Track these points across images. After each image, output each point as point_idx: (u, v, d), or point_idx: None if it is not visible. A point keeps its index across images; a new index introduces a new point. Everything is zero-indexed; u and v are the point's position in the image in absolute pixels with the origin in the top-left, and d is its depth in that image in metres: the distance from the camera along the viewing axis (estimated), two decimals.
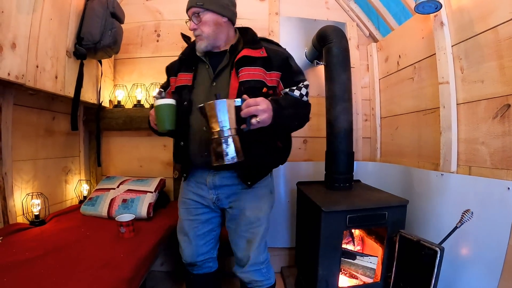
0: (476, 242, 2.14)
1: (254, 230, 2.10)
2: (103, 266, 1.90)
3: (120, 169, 3.75)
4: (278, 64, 2.03)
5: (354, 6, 3.77)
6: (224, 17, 2.06)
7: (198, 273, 2.35)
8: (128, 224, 2.40)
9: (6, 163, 2.47)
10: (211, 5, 1.99)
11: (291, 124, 2.00)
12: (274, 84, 2.02)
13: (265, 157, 2.06)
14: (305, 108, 2.06)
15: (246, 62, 1.98)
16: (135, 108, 3.54)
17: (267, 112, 1.69)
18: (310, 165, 3.57)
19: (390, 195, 2.62)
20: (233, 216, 2.15)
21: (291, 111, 1.89)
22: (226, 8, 2.06)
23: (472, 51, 2.28)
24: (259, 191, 2.14)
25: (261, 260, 2.14)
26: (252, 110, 1.64)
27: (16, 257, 1.94)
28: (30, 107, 2.79)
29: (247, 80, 1.95)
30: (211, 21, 2.02)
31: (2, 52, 1.97)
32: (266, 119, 1.68)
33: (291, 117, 1.92)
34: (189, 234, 2.25)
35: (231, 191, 2.13)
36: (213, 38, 2.07)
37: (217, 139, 1.64)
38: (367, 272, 2.59)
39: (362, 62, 3.84)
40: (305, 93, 2.04)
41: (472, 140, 2.30)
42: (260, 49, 2.04)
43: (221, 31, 2.08)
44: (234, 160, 1.62)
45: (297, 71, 2.10)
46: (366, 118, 3.84)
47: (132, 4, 3.74)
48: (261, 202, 2.13)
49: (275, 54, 2.06)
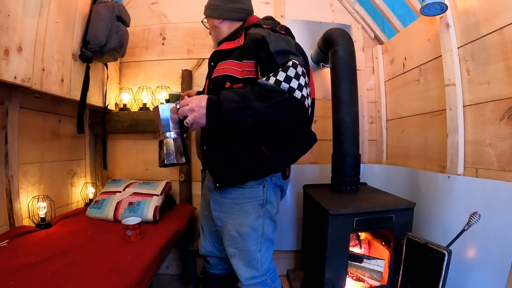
0: (483, 245, 2.13)
1: (237, 245, 2.00)
2: (110, 270, 1.90)
3: (125, 172, 3.75)
4: (251, 50, 1.82)
5: (359, 8, 3.77)
6: (217, 19, 2.15)
7: (214, 273, 2.38)
8: (134, 228, 2.39)
9: (12, 166, 2.47)
10: (206, 11, 2.22)
11: (242, 122, 1.60)
12: (249, 75, 1.84)
13: (238, 161, 1.88)
14: (269, 98, 1.58)
15: (222, 56, 1.98)
16: (141, 111, 3.54)
17: (196, 111, 1.59)
18: (316, 168, 3.57)
19: (397, 197, 2.61)
20: (219, 227, 2.11)
21: (235, 105, 1.59)
22: (217, 9, 2.14)
23: (478, 53, 2.27)
24: (244, 205, 1.97)
25: (260, 272, 2.03)
26: (181, 111, 1.63)
27: (22, 260, 1.94)
28: (36, 110, 2.79)
29: (215, 77, 1.95)
30: (211, 25, 2.24)
31: (9, 56, 1.97)
32: (197, 119, 1.60)
33: (238, 113, 1.58)
34: (204, 229, 2.31)
35: (216, 198, 2.06)
36: (215, 40, 2.23)
37: (159, 142, 1.74)
38: (374, 275, 2.58)
39: (367, 64, 3.83)
40: (283, 78, 1.59)
41: (479, 142, 2.29)
42: (239, 38, 1.96)
43: (219, 32, 2.18)
44: (165, 163, 1.67)
45: (280, 50, 1.72)
46: (372, 120, 3.83)
47: (137, 7, 3.75)
48: (245, 216, 1.97)
49: (249, 39, 1.85)
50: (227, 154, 1.89)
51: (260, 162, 1.88)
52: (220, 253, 2.32)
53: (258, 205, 1.98)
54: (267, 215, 2.02)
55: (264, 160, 1.88)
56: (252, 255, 1.99)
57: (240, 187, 1.96)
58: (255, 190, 1.97)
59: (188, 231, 3.15)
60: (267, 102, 1.57)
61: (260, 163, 1.89)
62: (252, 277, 2.01)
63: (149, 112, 3.50)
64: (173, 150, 1.68)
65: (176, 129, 1.71)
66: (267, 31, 1.83)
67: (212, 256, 2.34)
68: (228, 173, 1.92)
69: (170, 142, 1.69)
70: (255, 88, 1.63)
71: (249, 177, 1.94)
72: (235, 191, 1.97)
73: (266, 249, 2.04)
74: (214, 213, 2.08)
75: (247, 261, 2.01)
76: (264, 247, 2.03)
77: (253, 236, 1.98)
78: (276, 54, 1.71)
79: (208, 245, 2.31)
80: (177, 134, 1.72)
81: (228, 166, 1.90)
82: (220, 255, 2.32)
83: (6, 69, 1.96)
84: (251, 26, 1.98)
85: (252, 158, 1.87)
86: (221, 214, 2.04)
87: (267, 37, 1.77)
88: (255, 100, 1.59)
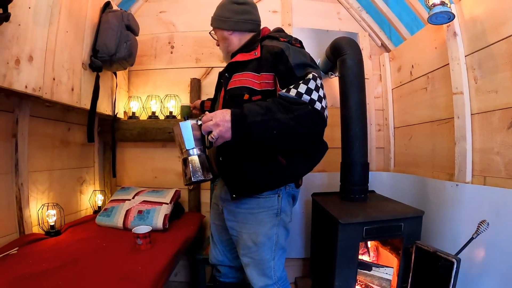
0: (492, 253, 2.13)
1: (252, 254, 2.02)
2: (122, 278, 1.90)
3: (134, 180, 3.77)
4: (270, 62, 1.84)
5: (366, 16, 3.78)
6: (227, 31, 2.13)
7: (224, 281, 2.37)
8: (145, 236, 2.40)
9: (23, 174, 2.50)
10: (215, 23, 2.19)
11: (266, 134, 1.62)
12: (267, 87, 1.86)
13: (255, 172, 1.89)
14: (293, 110, 1.62)
15: (237, 67, 1.97)
16: (150, 120, 3.55)
17: (221, 125, 1.59)
18: (324, 176, 3.56)
19: (405, 206, 2.62)
20: (233, 236, 2.12)
21: (260, 118, 1.60)
22: (226, 21, 2.11)
23: (485, 61, 2.28)
24: (259, 215, 1.99)
25: (272, 281, 2.04)
26: (205, 127, 1.62)
27: (33, 268, 1.95)
28: (46, 118, 2.82)
29: (231, 88, 1.93)
30: (220, 37, 2.20)
31: (20, 65, 1.99)
32: (222, 133, 1.60)
33: (263, 126, 1.60)
34: (215, 238, 2.31)
35: (230, 207, 2.07)
36: (226, 51, 2.21)
37: (181, 158, 1.72)
38: (383, 283, 2.58)
39: (374, 72, 3.84)
40: (304, 90, 1.65)
41: (486, 150, 2.29)
42: (254, 50, 1.96)
43: (229, 43, 2.16)
44: (193, 180, 1.65)
45: (299, 63, 1.78)
46: (379, 128, 3.83)
47: (145, 16, 3.78)
48: (260, 226, 1.99)
49: (267, 51, 1.88)
50: (244, 166, 1.89)
51: (278, 172, 1.90)
52: (230, 262, 2.32)
53: (273, 214, 2.00)
54: (281, 224, 2.04)
55: (281, 170, 1.90)
56: (266, 263, 2.01)
57: (256, 197, 1.97)
58: (270, 199, 1.99)
59: (197, 239, 3.16)
60: (291, 114, 1.61)
61: (277, 173, 1.91)
62: (266, 285, 2.03)
63: (158, 120, 3.52)
64: (199, 167, 1.67)
65: (199, 145, 1.71)
66: (285, 44, 1.87)
67: (222, 265, 2.34)
68: (245, 184, 1.92)
69: (195, 159, 1.68)
70: (278, 100, 1.66)
71: (266, 188, 1.95)
72: (250, 201, 1.98)
73: (279, 258, 2.06)
74: (228, 223, 2.09)
75: (261, 270, 2.02)
76: (278, 255, 2.05)
77: (268, 245, 1.99)
78: (295, 67, 1.75)
79: (218, 254, 2.31)
80: (200, 150, 1.72)
81: (245, 178, 1.90)
82: (231, 264, 2.33)
83: (17, 79, 1.98)
84: (266, 38, 2.03)
85: (270, 168, 1.89)
86: (235, 224, 2.05)
87: (286, 50, 1.81)
88: (279, 112, 1.62)
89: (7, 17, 1.77)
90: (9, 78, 1.91)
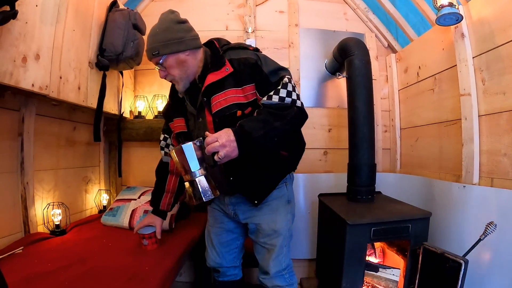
0: (499, 254, 2.14)
1: (271, 241, 2.13)
2: (130, 279, 1.89)
3: (140, 180, 3.76)
4: (248, 74, 1.89)
5: (372, 17, 3.78)
6: (184, 52, 1.93)
7: (222, 280, 2.41)
8: (150, 236, 2.39)
9: (28, 173, 2.50)
10: (166, 49, 1.90)
11: (270, 143, 1.78)
12: (253, 97, 1.92)
13: (266, 176, 2.06)
14: (285, 116, 1.79)
15: (214, 89, 1.91)
16: (156, 119, 3.56)
17: (227, 146, 1.63)
18: (331, 177, 3.56)
19: (412, 207, 2.61)
20: (251, 230, 2.22)
21: (262, 132, 1.71)
22: (180, 42, 1.92)
23: (493, 63, 2.28)
24: (273, 204, 2.14)
25: (283, 267, 2.16)
26: (211, 148, 1.62)
27: (39, 268, 1.95)
28: (51, 117, 2.83)
29: (219, 110, 1.91)
30: (174, 63, 1.94)
31: (26, 63, 1.99)
32: (229, 153, 1.64)
33: (266, 137, 1.72)
34: (214, 241, 2.33)
35: (246, 207, 2.16)
36: (185, 76, 1.99)
37: (187, 182, 1.73)
38: (389, 284, 2.58)
39: (381, 73, 3.85)
40: (285, 94, 1.81)
41: (494, 151, 2.30)
42: (224, 66, 1.92)
43: (188, 66, 1.96)
44: (203, 200, 1.67)
45: (272, 70, 1.90)
46: (386, 129, 3.84)
47: (151, 15, 3.74)
48: (276, 214, 2.14)
49: (241, 64, 1.91)
50: (256, 176, 2.01)
51: (284, 164, 2.12)
52: (228, 263, 2.37)
53: (285, 202, 2.20)
54: (291, 210, 2.25)
55: (286, 161, 2.11)
56: (280, 250, 2.14)
57: None
58: (281, 189, 2.18)
59: (203, 239, 3.16)
60: (284, 120, 1.78)
61: (284, 165, 2.13)
62: (278, 271, 2.15)
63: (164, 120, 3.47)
64: (207, 186, 1.69)
65: (203, 166, 1.72)
66: (255, 53, 1.99)
67: (221, 267, 2.38)
68: (261, 189, 2.07)
69: (203, 180, 1.69)
70: (267, 110, 1.80)
71: (278, 182, 2.13)
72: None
73: (288, 245, 2.22)
74: (246, 220, 2.20)
75: (277, 256, 2.14)
76: (288, 242, 2.21)
77: (283, 232, 2.15)
78: (270, 74, 1.88)
79: (216, 256, 2.35)
80: (205, 170, 1.72)
81: (260, 185, 2.05)
82: (229, 265, 2.38)
83: (24, 77, 1.97)
84: (227, 51, 2.04)
85: (276, 166, 2.07)
86: (254, 218, 2.16)
87: (258, 61, 1.91)
88: (275, 122, 1.76)
89: (15, 15, 1.76)
90: (16, 76, 1.91)
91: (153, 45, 1.92)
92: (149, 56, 1.96)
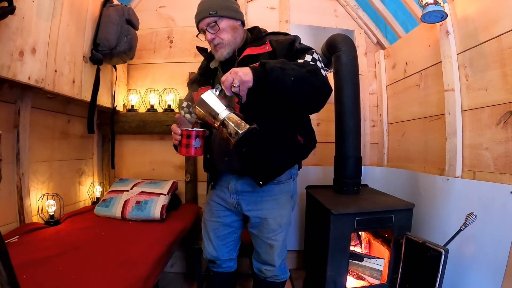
0: (480, 245, 2.19)
1: (276, 237, 2.13)
2: (121, 265, 1.96)
3: (132, 172, 3.81)
4: (283, 52, 1.95)
5: (362, 14, 3.83)
6: (238, 21, 2.05)
7: (217, 271, 2.42)
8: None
9: (24, 164, 2.53)
10: (224, 12, 1.97)
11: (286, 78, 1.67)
12: None
13: (278, 153, 1.96)
14: (308, 68, 1.78)
15: (249, 61, 1.91)
16: (148, 113, 3.60)
17: (239, 72, 1.61)
18: (319, 170, 3.61)
19: (396, 199, 2.67)
20: (255, 224, 2.17)
21: (279, 65, 1.68)
22: (237, 12, 2.06)
23: (476, 60, 2.34)
24: (280, 199, 2.13)
25: (283, 258, 2.23)
26: (227, 82, 1.61)
27: (34, 255, 2.00)
28: (46, 110, 2.86)
29: None
30: (228, 27, 1.99)
31: (23, 57, 2.04)
32: (242, 77, 1.59)
33: (282, 71, 1.67)
34: (210, 234, 2.32)
35: (251, 198, 2.13)
36: (233, 42, 2.04)
37: (217, 128, 1.66)
38: (374, 273, 2.64)
39: (370, 69, 3.89)
40: (310, 59, 1.88)
41: (476, 145, 2.36)
42: (264, 44, 1.99)
43: (238, 34, 2.06)
44: (240, 134, 1.58)
45: (303, 48, 1.96)
46: (374, 124, 3.89)
47: (145, 10, 3.81)
48: (282, 209, 2.14)
49: (279, 43, 2.00)
50: (268, 149, 1.94)
51: (297, 148, 2.03)
52: (224, 256, 2.37)
53: (290, 197, 2.21)
54: (293, 205, 2.28)
55: (300, 147, 2.04)
56: (283, 243, 2.19)
57: (277, 183, 2.11)
58: (288, 184, 2.17)
59: (194, 230, 3.20)
60: (304, 69, 1.75)
61: (297, 149, 2.04)
62: (279, 264, 2.20)
63: (156, 113, 3.59)
64: (239, 120, 1.61)
65: (228, 105, 1.67)
66: (292, 36, 2.06)
67: (216, 259, 2.39)
68: (271, 168, 2.00)
69: (232, 115, 1.63)
70: (290, 61, 1.81)
71: (288, 166, 2.09)
72: (273, 188, 2.11)
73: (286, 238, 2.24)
74: (249, 213, 2.15)
75: (280, 250, 2.18)
76: (287, 235, 2.23)
77: (287, 226, 2.19)
78: (299, 51, 1.94)
79: (213, 250, 2.34)
80: (232, 108, 1.67)
81: (272, 162, 1.97)
82: (225, 257, 2.38)
83: (21, 70, 2.03)
84: (269, 34, 2.15)
85: (291, 147, 1.99)
86: (260, 212, 2.13)
87: (295, 41, 1.98)
88: (293, 65, 1.75)
89: (13, 10, 1.81)
90: (13, 69, 1.97)
91: (211, 6, 1.96)
92: (203, 15, 1.97)
